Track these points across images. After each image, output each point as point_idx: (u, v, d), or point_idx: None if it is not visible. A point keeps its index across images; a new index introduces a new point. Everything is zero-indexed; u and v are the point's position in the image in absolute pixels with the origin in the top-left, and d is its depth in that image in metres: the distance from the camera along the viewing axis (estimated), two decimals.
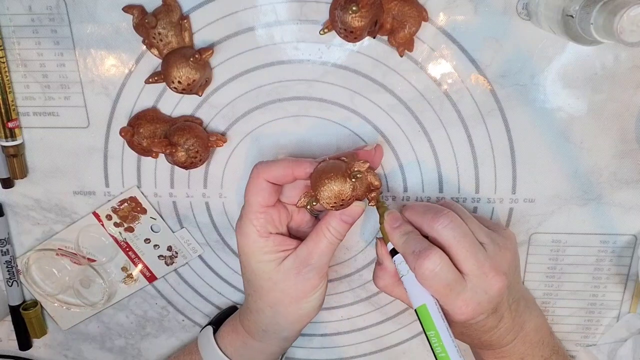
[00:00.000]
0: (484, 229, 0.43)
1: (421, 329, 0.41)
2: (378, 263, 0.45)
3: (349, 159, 0.43)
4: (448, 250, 0.40)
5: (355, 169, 0.41)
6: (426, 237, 0.42)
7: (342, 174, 0.41)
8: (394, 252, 0.43)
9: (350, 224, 0.43)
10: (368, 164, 0.41)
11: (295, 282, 0.44)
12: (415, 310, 0.41)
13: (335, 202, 0.41)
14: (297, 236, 0.46)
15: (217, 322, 0.51)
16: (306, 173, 0.42)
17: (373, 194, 0.44)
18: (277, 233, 0.44)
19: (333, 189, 0.41)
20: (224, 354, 0.48)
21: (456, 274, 0.40)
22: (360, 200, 0.43)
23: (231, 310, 0.54)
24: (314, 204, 0.41)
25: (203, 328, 0.51)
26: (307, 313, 0.45)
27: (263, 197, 0.42)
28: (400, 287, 0.43)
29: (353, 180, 0.41)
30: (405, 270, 0.42)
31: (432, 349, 0.40)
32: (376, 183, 0.43)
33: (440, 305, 0.41)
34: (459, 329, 0.43)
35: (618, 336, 0.52)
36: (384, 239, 0.44)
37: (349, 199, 0.41)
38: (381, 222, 0.44)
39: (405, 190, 0.49)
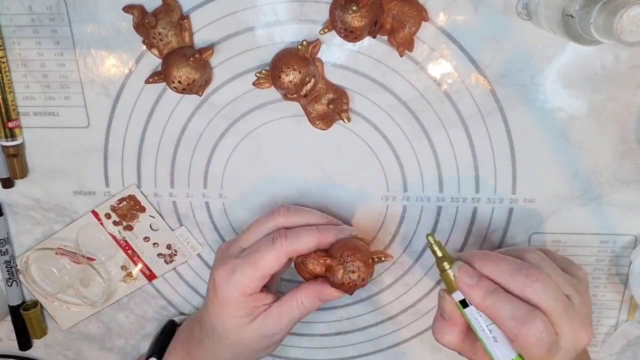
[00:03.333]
0: (568, 279, 0.40)
1: None
2: (443, 317, 0.40)
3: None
4: (543, 311, 0.37)
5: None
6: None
7: None
8: (463, 304, 0.39)
9: (323, 302, 0.44)
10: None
11: (260, 340, 0.45)
12: None
13: None
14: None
15: (159, 350, 0.50)
16: (328, 243, 0.43)
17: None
18: (259, 292, 0.44)
19: None
20: None
21: (555, 337, 0.37)
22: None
23: (168, 334, 0.52)
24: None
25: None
26: (265, 354, 0.47)
27: (274, 268, 0.43)
28: (469, 342, 0.40)
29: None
30: (487, 330, 0.38)
31: None
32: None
33: None
34: None
35: (618, 345, 0.52)
36: (448, 289, 0.40)
37: None
38: (442, 269, 0.40)
39: (405, 190, 0.49)
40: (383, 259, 0.45)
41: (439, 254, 0.40)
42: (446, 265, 0.40)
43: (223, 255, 0.45)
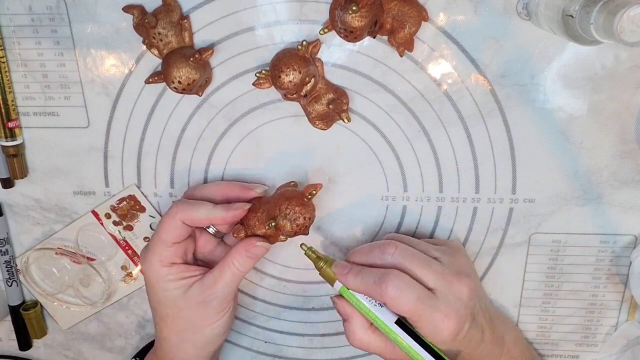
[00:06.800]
0: (433, 246, 0.45)
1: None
2: (345, 320, 0.45)
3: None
4: (406, 272, 0.42)
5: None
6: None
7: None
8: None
9: (254, 260, 0.45)
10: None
11: (198, 310, 0.45)
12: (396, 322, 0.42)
13: None
14: (205, 262, 0.48)
15: (142, 355, 0.52)
16: (224, 220, 0.44)
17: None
18: (181, 263, 0.45)
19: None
20: None
21: (423, 289, 0.41)
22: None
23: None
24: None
25: None
26: (213, 339, 0.47)
27: (173, 235, 0.44)
28: (377, 336, 0.44)
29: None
30: (371, 300, 0.43)
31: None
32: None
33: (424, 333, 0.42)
34: (452, 355, 0.43)
35: (618, 345, 0.52)
36: (329, 283, 0.44)
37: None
38: (319, 268, 0.45)
39: (405, 190, 0.49)
40: (315, 191, 0.45)
41: (314, 256, 0.45)
42: (322, 264, 0.44)
43: None
